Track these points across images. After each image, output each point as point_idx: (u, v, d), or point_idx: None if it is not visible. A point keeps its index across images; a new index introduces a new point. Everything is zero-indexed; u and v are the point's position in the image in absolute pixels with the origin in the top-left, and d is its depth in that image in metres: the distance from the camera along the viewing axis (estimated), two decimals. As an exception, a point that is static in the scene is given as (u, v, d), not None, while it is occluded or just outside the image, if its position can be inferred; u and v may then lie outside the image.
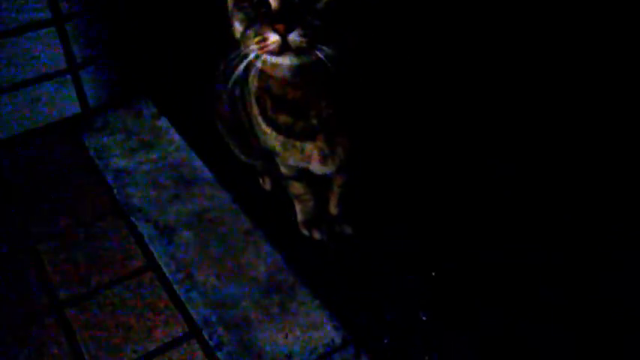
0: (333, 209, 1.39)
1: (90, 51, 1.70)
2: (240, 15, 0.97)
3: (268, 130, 1.15)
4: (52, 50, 1.64)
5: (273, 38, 0.91)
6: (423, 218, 1.44)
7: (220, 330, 1.21)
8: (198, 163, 1.61)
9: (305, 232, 1.39)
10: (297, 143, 1.15)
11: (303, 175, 1.30)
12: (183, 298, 1.28)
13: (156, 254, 1.37)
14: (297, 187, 1.34)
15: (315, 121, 1.10)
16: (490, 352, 1.18)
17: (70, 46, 1.65)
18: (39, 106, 1.69)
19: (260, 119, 1.15)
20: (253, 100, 1.16)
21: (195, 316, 1.24)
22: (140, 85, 1.84)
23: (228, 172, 1.56)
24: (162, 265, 1.35)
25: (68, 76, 1.69)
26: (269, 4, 0.92)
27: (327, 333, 1.21)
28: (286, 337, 1.20)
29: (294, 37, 0.90)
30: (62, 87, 1.70)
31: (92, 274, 1.33)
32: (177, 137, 1.70)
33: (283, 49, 0.92)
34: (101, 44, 1.71)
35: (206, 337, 1.20)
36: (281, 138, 1.15)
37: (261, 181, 1.53)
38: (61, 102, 1.71)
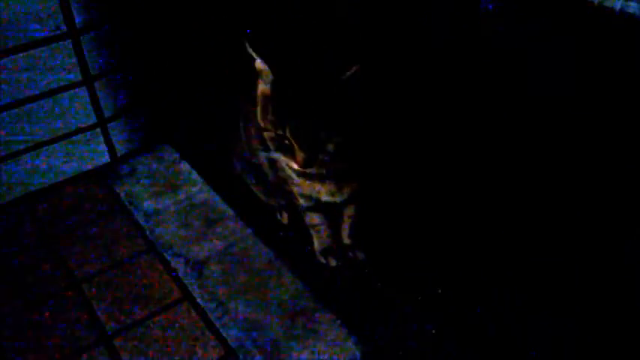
0: (346, 239, 1.56)
1: (116, 106, 1.88)
2: (269, 134, 1.21)
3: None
4: (82, 107, 1.81)
5: (295, 166, 1.19)
6: (429, 243, 1.60)
7: (253, 351, 1.37)
8: (220, 202, 1.77)
9: (322, 259, 1.55)
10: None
11: (318, 205, 1.47)
12: (217, 325, 1.43)
13: (189, 287, 1.53)
14: (313, 218, 1.51)
15: (323, 171, 1.29)
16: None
17: (99, 102, 1.83)
18: (72, 157, 1.86)
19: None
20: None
21: (229, 340, 1.39)
22: (161, 133, 2.02)
23: (249, 209, 1.72)
24: (196, 296, 1.50)
25: (98, 130, 1.87)
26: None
27: (349, 349, 1.36)
28: (312, 354, 1.35)
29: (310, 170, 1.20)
30: (92, 139, 1.87)
31: (134, 308, 1.48)
32: (199, 179, 1.86)
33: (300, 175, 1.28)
34: (126, 99, 1.89)
35: (241, 358, 1.36)
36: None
37: (279, 215, 1.69)
38: (91, 153, 1.89)
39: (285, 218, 1.68)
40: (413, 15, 1.47)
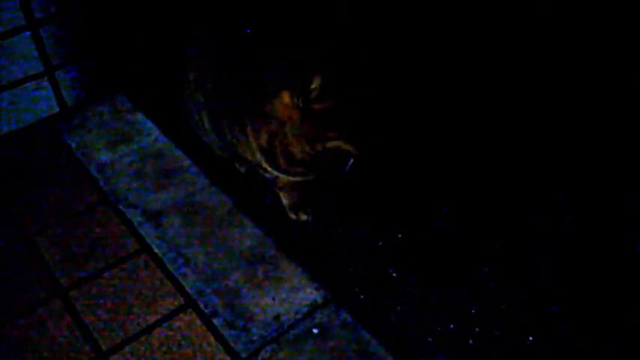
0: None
1: (64, 53, 1.79)
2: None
3: None
4: (28, 54, 1.72)
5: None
6: (388, 194, 1.60)
7: (214, 299, 1.35)
8: (177, 151, 1.72)
9: (293, 215, 1.53)
10: None
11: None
12: (176, 275, 1.41)
13: (147, 238, 1.49)
14: (282, 180, 1.48)
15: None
16: (447, 300, 1.36)
17: (45, 49, 1.74)
18: (18, 108, 1.77)
19: None
20: None
21: (189, 290, 1.37)
22: (113, 82, 1.94)
23: (207, 158, 1.68)
24: (154, 247, 1.47)
25: (45, 78, 1.78)
26: None
27: (310, 295, 1.36)
28: (273, 300, 1.35)
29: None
30: (40, 88, 1.78)
31: (90, 260, 1.44)
32: (154, 129, 1.80)
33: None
34: (74, 45, 1.80)
35: (201, 306, 1.34)
36: None
37: (237, 165, 1.66)
38: (39, 103, 1.80)
39: (242, 168, 1.65)
40: None
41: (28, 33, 1.70)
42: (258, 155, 1.37)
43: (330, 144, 1.27)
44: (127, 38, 1.91)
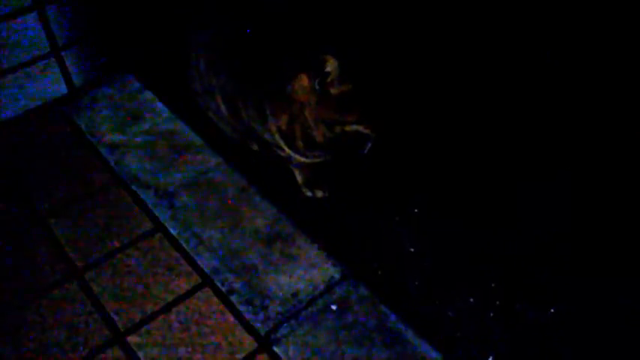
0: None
1: (71, 33, 1.76)
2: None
3: None
4: (34, 35, 1.70)
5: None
6: (404, 169, 1.58)
7: (230, 277, 1.34)
8: (187, 130, 1.70)
9: (308, 193, 1.51)
10: None
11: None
12: (192, 254, 1.40)
13: (161, 218, 1.48)
14: (297, 159, 1.46)
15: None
16: (466, 273, 1.34)
17: (51, 29, 1.71)
18: (26, 90, 1.75)
19: None
20: None
21: (205, 268, 1.36)
22: (122, 62, 1.91)
23: (218, 136, 1.66)
24: (169, 227, 1.46)
25: (52, 60, 1.76)
26: None
27: (327, 271, 1.35)
28: (290, 277, 1.34)
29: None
30: (47, 69, 1.76)
31: (104, 241, 1.43)
32: (164, 108, 1.78)
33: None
34: (81, 25, 1.77)
35: (218, 284, 1.33)
36: None
37: (250, 143, 1.63)
38: (47, 84, 1.78)
39: (254, 145, 1.62)
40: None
41: (35, 13, 1.67)
42: (277, 137, 1.35)
43: (349, 127, 1.25)
44: (135, 17, 1.88)
